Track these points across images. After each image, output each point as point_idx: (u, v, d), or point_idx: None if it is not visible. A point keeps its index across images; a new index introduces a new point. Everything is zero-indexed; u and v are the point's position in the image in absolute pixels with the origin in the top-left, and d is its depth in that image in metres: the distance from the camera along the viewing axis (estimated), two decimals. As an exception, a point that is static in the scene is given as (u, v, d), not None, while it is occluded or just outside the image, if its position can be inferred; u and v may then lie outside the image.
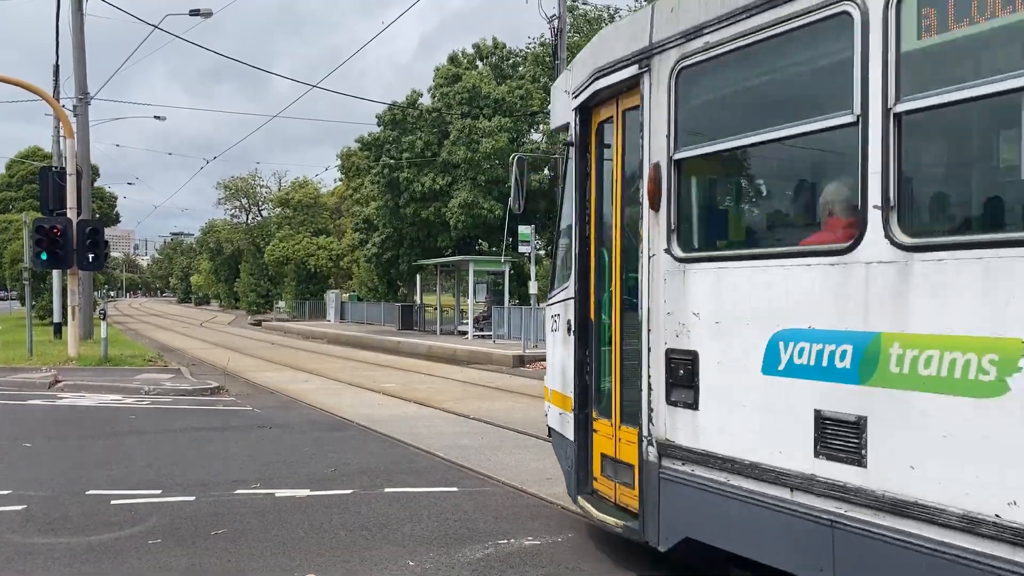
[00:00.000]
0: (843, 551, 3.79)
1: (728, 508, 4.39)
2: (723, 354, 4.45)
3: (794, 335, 4.05)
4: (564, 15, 30.88)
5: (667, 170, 4.78)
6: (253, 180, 70.84)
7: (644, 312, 4.99)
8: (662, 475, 4.84)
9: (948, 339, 3.37)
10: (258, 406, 13.40)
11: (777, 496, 4.10)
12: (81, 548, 5.88)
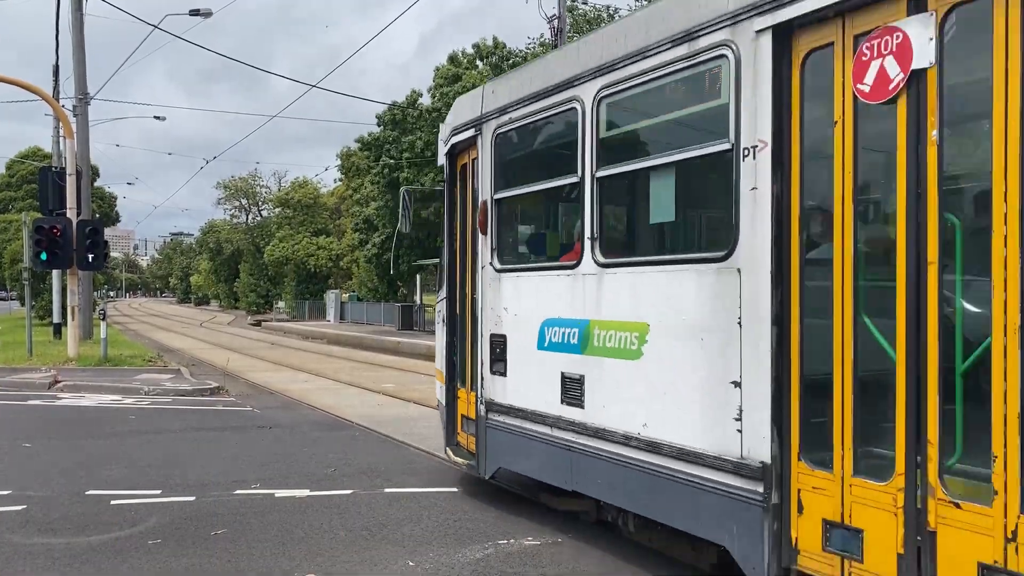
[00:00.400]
0: (577, 466, 5.75)
1: (520, 443, 6.40)
2: (519, 337, 6.42)
3: (552, 322, 6.05)
4: (564, 15, 30.89)
5: (491, 206, 6.76)
6: (253, 180, 70.86)
7: (479, 308, 6.98)
8: (488, 424, 6.83)
9: (618, 323, 5.38)
10: (258, 406, 13.40)
11: (544, 432, 6.09)
12: (81, 548, 5.88)
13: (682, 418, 4.86)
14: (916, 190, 3.80)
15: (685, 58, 4.88)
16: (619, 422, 5.30)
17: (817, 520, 4.21)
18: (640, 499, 5.23)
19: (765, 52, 4.35)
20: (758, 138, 4.38)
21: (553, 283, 6.07)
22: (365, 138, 33.85)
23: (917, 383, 3.79)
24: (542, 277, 6.29)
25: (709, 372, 4.68)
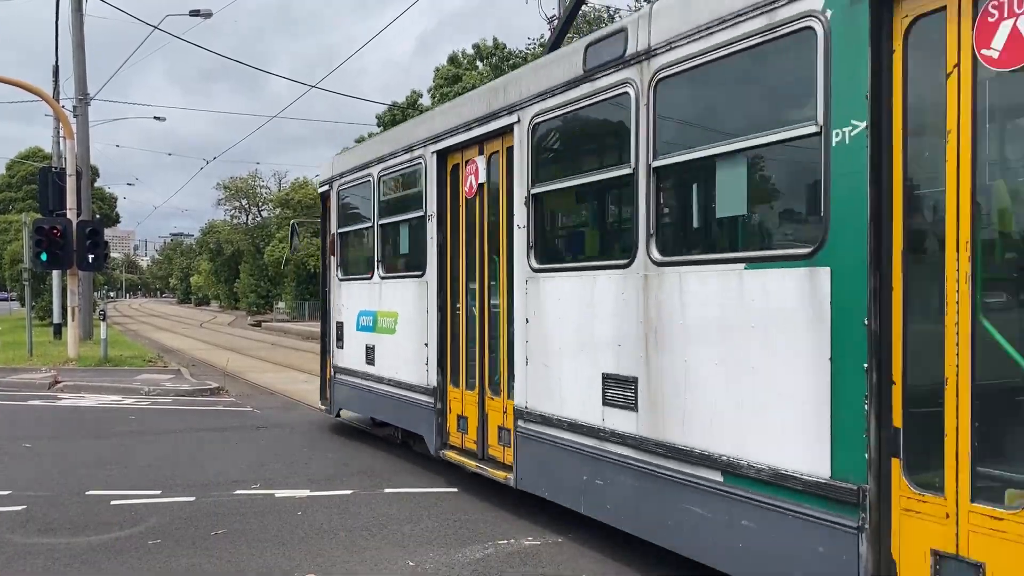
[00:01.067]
0: (374, 402, 9.41)
1: (349, 391, 10.10)
2: (348, 322, 10.11)
3: (362, 313, 9.67)
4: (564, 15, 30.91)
5: (336, 238, 10.66)
6: (253, 180, 70.82)
7: (331, 304, 10.85)
8: (335, 381, 10.64)
9: (387, 312, 8.91)
10: (258, 407, 13.40)
11: (358, 383, 9.76)
12: (81, 548, 5.88)
13: (409, 366, 8.44)
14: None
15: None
16: (390, 372, 8.94)
17: (454, 416, 7.75)
18: (399, 416, 8.89)
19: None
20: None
21: (362, 287, 9.78)
22: (365, 138, 33.84)
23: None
24: (358, 284, 9.95)
25: (418, 340, 8.23)
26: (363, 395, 9.65)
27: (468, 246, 7.56)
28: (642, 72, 5.06)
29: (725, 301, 4.51)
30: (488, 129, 6.93)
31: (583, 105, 5.73)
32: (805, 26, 4.05)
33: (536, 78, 6.26)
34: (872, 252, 3.82)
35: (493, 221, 7.09)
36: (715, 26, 4.52)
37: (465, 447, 7.57)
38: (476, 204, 7.35)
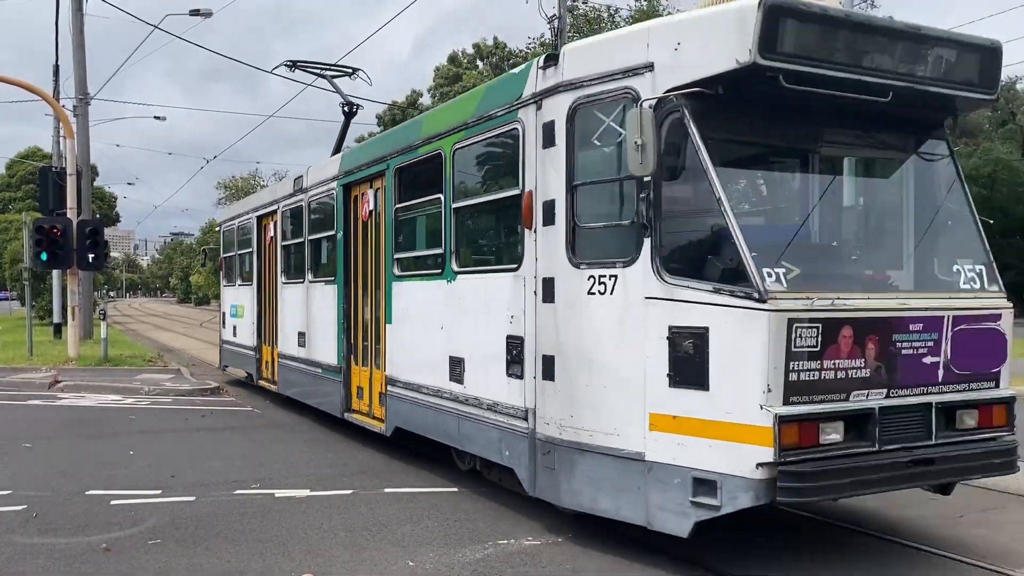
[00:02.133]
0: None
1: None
2: (238, 316, 15.38)
3: (235, 308, 15.66)
4: (564, 15, 30.86)
5: (223, 258, 16.84)
6: (253, 180, 70.81)
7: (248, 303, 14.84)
8: (222, 349, 17.05)
9: (242, 306, 15.21)
10: (258, 406, 13.39)
11: (240, 353, 15.39)
12: (81, 548, 5.88)
13: (247, 336, 14.59)
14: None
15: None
16: (248, 340, 14.59)
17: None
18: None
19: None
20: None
21: (237, 291, 15.48)
22: (365, 138, 33.83)
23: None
24: (237, 288, 15.52)
25: (252, 320, 14.15)
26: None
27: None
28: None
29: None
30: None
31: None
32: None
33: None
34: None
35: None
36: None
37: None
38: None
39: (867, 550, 6.00)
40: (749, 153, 6.16)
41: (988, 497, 7.50)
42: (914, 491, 6.51)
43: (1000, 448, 5.66)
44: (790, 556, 5.80)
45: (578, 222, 5.90)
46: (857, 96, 5.32)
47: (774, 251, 5.22)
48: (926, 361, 5.40)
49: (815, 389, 4.98)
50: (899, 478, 5.28)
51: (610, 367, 5.66)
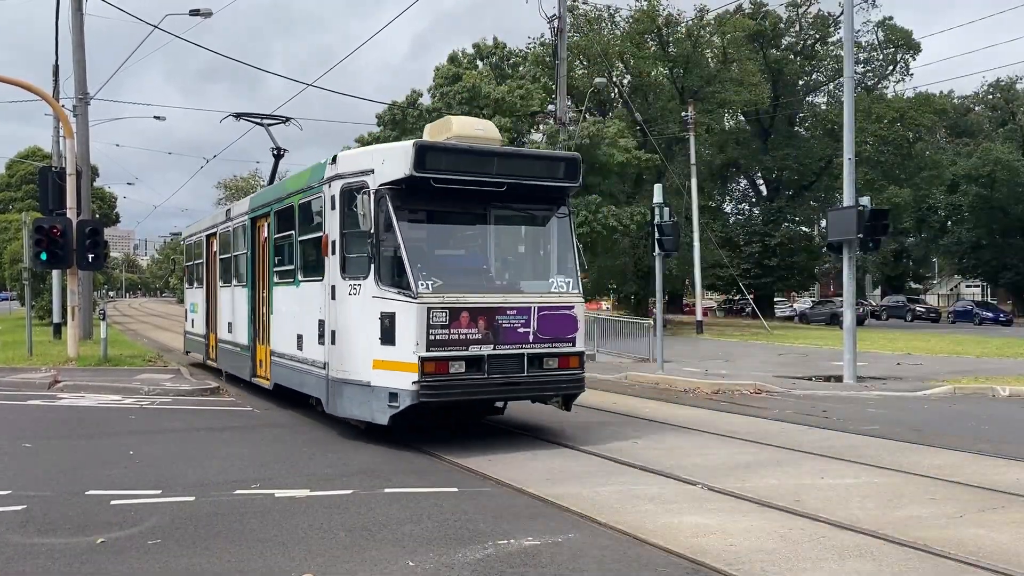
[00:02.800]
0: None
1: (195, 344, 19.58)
2: (194, 311, 19.61)
3: (192, 306, 19.96)
4: (564, 15, 30.84)
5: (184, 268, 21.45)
6: (253, 180, 70.77)
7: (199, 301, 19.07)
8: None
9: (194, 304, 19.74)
10: (258, 406, 13.39)
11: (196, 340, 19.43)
12: (81, 548, 5.88)
13: (200, 327, 18.68)
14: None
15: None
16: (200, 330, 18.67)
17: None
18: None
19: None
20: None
21: (194, 294, 19.63)
22: (365, 138, 33.79)
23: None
24: (193, 290, 19.86)
25: (203, 315, 18.25)
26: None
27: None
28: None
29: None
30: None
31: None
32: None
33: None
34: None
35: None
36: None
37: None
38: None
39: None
40: (422, 217, 10.17)
41: (988, 497, 7.50)
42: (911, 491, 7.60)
43: (572, 379, 10.01)
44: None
45: (345, 254, 10.12)
46: (482, 187, 9.72)
47: (428, 272, 9.41)
48: (520, 331, 9.58)
49: (445, 344, 9.16)
50: (498, 392, 9.73)
51: (356, 336, 9.83)
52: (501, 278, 10.57)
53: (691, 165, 39.00)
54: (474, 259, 10.68)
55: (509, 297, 9.80)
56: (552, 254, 10.64)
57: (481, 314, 9.34)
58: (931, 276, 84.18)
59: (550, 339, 9.77)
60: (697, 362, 21.52)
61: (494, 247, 10.79)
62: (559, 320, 9.83)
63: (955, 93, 65.77)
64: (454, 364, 9.19)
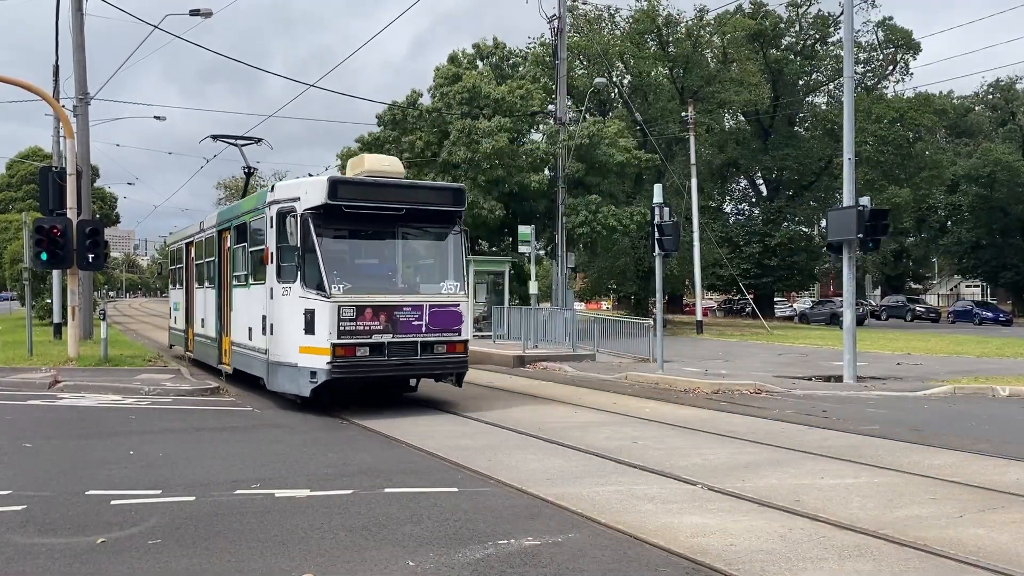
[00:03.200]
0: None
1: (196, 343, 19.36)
2: (177, 309, 21.82)
3: (175, 304, 22.04)
4: (564, 15, 30.84)
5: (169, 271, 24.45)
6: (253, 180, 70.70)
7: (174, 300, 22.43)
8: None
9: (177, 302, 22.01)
10: (258, 406, 13.39)
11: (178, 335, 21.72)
12: (81, 548, 5.88)
13: (181, 322, 20.90)
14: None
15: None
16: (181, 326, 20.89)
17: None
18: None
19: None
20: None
21: (177, 292, 21.73)
22: (365, 138, 33.73)
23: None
24: (175, 290, 21.98)
25: (183, 312, 20.42)
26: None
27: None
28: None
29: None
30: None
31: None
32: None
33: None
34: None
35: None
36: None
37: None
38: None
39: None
40: (338, 235, 12.64)
41: (988, 497, 7.50)
42: (911, 491, 7.60)
43: (458, 361, 12.62)
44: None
45: (280, 263, 12.64)
46: (386, 212, 12.36)
47: (342, 277, 11.97)
48: (415, 323, 12.13)
49: (353, 333, 11.71)
50: (396, 371, 12.25)
51: (287, 328, 12.38)
52: (403, 282, 13.16)
53: (691, 165, 39.02)
54: (382, 267, 13.25)
55: (406, 297, 12.42)
56: (446, 263, 13.16)
57: (383, 310, 12.03)
58: (931, 276, 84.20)
59: (439, 330, 12.38)
60: (697, 362, 21.53)
61: (399, 257, 13.38)
62: (447, 315, 12.50)
63: (955, 93, 65.86)
64: (360, 349, 11.82)
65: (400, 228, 12.99)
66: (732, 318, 58.96)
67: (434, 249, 13.47)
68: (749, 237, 52.87)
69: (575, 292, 44.33)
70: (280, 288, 12.58)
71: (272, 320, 12.83)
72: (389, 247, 13.28)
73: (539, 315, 26.07)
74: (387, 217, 12.48)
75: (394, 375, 12.58)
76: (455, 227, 13.16)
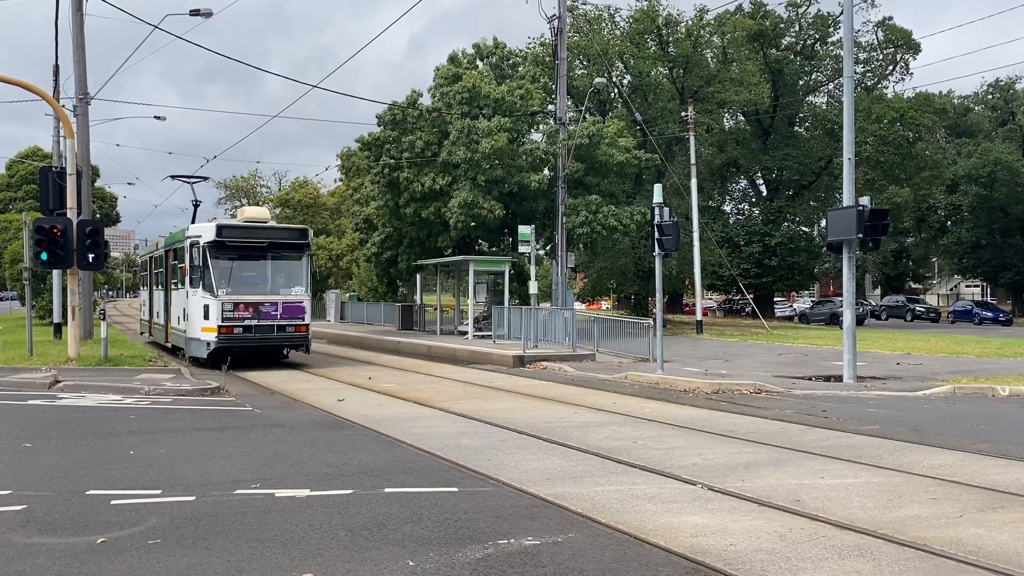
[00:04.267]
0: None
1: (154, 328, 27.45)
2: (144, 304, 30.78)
3: (144, 301, 30.93)
4: (564, 15, 30.84)
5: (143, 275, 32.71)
6: (254, 180, 70.80)
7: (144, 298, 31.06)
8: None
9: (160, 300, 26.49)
10: (258, 406, 13.39)
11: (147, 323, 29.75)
12: (81, 548, 5.88)
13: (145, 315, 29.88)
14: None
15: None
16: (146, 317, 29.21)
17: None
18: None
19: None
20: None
21: (144, 293, 30.60)
22: (365, 138, 33.74)
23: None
24: (143, 291, 31.06)
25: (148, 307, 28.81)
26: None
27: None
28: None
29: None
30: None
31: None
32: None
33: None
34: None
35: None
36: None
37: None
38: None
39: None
40: (225, 258, 19.72)
41: (988, 497, 7.50)
42: (911, 491, 7.60)
43: (302, 337, 20.47)
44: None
45: (191, 275, 20.08)
46: (254, 244, 20.31)
47: (228, 284, 19.65)
48: (273, 313, 19.94)
49: (232, 319, 19.44)
50: (261, 343, 20.00)
51: (195, 316, 19.93)
52: (268, 288, 20.54)
53: (691, 165, 39.02)
54: (253, 278, 20.42)
55: (267, 297, 20.11)
56: (296, 277, 20.79)
57: (251, 305, 19.70)
58: (931, 276, 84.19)
59: (289, 318, 20.10)
60: (697, 362, 21.53)
61: (264, 272, 20.65)
62: (295, 308, 20.25)
63: (955, 93, 65.85)
64: (236, 329, 19.43)
65: (264, 254, 20.49)
66: (732, 318, 58.96)
67: (287, 267, 20.84)
68: (749, 237, 52.87)
69: (575, 292, 44.35)
70: (191, 291, 20.10)
71: (188, 311, 20.42)
72: (258, 266, 20.56)
73: (539, 315, 26.07)
74: (255, 247, 20.24)
75: (260, 346, 20.15)
76: (303, 254, 20.88)
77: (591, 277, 48.40)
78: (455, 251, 32.82)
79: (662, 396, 15.27)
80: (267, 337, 19.77)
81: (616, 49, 41.93)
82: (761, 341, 31.82)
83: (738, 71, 44.24)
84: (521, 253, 29.61)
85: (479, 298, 30.31)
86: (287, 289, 20.53)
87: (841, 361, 17.92)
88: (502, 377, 18.78)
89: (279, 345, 20.60)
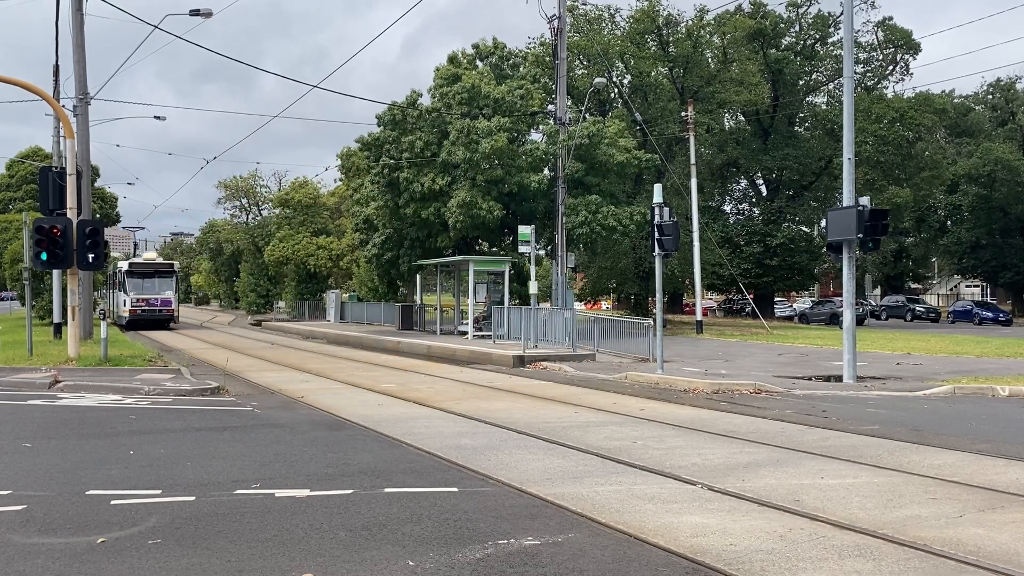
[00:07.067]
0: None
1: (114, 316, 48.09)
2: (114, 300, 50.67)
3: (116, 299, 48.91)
4: (564, 15, 30.85)
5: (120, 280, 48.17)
6: (253, 180, 70.79)
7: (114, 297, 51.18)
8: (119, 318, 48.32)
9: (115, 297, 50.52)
10: (258, 406, 13.40)
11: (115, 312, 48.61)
12: (81, 548, 5.88)
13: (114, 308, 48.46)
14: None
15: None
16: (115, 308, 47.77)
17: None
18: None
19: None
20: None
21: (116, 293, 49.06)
22: (365, 138, 33.76)
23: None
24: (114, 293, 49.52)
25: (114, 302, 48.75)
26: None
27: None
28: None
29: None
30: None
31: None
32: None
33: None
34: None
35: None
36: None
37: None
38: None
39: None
40: (133, 278, 44.13)
41: (988, 497, 7.51)
42: (911, 491, 7.65)
43: (170, 317, 44.70)
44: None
45: (120, 286, 45.14)
46: (148, 271, 45.05)
47: (135, 291, 43.90)
48: (155, 304, 44.11)
49: (135, 307, 43.54)
50: (150, 319, 43.80)
51: (122, 306, 44.40)
52: (154, 292, 43.50)
53: (691, 165, 39.02)
54: (148, 288, 43.39)
55: (152, 296, 43.44)
56: (168, 287, 44.12)
57: (145, 300, 43.21)
58: (931, 276, 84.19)
59: (162, 307, 43.67)
60: (697, 362, 21.54)
61: (156, 285, 43.73)
62: (166, 302, 43.82)
63: (955, 93, 65.82)
64: (136, 312, 42.82)
65: (153, 277, 43.64)
66: (732, 318, 58.95)
67: (163, 282, 43.92)
68: (749, 237, 52.88)
69: (575, 292, 44.36)
70: (121, 294, 43.38)
71: (121, 304, 43.51)
72: (149, 282, 43.31)
73: (539, 315, 26.08)
74: (149, 273, 43.73)
75: (150, 319, 42.84)
76: (174, 276, 44.99)
77: (591, 277, 48.42)
78: (455, 251, 32.81)
79: (662, 396, 15.27)
80: (153, 316, 43.13)
81: (616, 49, 41.95)
82: (761, 341, 31.83)
83: (738, 71, 44.25)
84: (521, 253, 29.62)
85: (479, 298, 30.31)
86: (161, 293, 43.61)
87: (841, 361, 17.93)
88: (502, 377, 18.78)
89: (157, 320, 43.18)
